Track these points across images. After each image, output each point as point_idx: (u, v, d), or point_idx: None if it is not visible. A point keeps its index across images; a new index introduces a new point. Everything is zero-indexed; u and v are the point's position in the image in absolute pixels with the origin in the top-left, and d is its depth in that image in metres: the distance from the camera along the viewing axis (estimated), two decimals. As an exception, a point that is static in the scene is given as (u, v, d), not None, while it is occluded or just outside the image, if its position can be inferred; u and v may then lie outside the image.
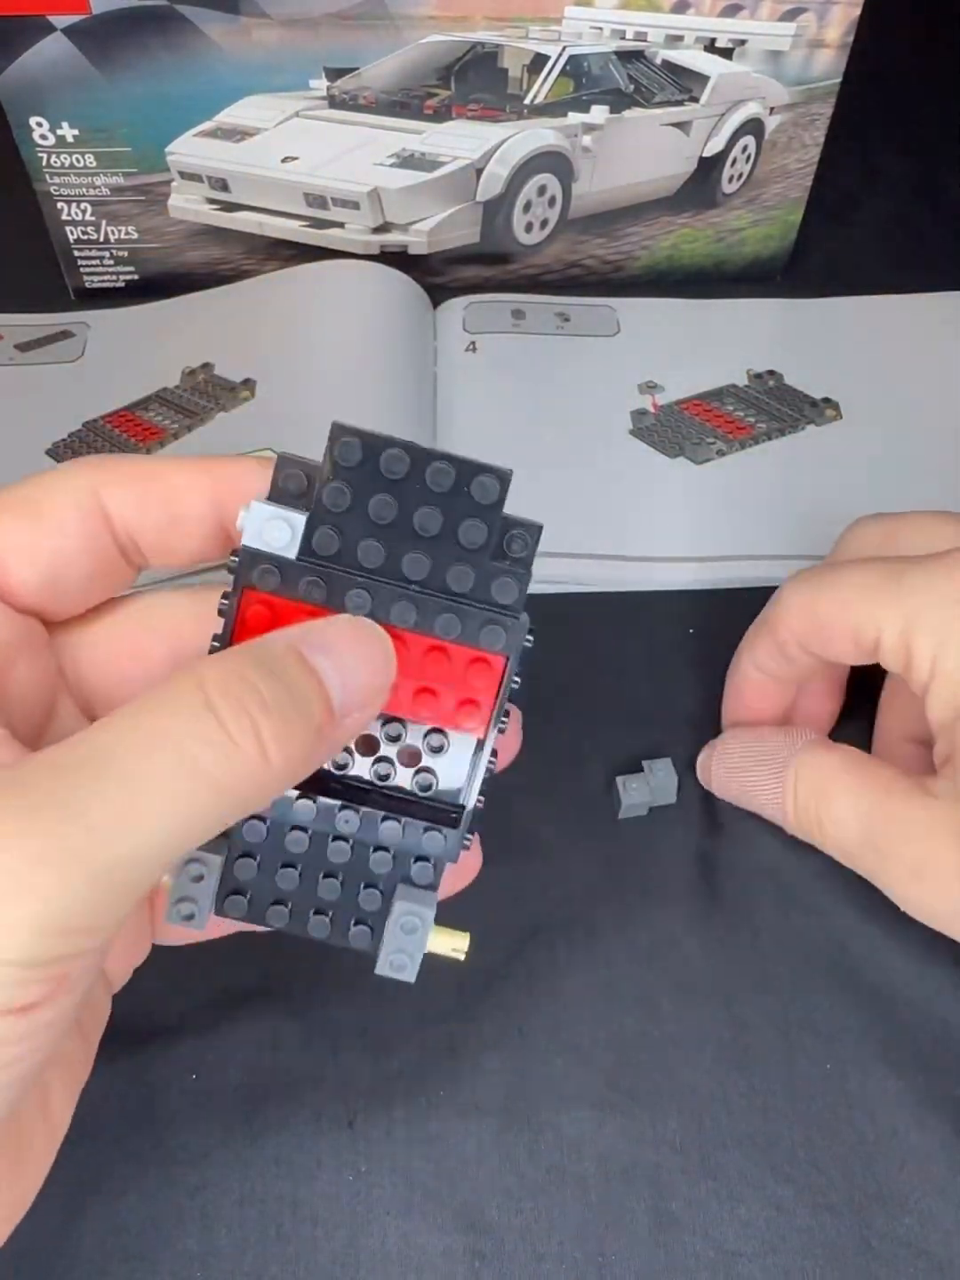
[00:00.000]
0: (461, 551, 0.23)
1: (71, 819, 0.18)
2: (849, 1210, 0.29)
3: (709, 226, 0.53)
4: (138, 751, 0.19)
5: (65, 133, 0.47)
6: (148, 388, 0.49)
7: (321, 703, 0.21)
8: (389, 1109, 0.31)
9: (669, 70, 0.47)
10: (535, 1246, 0.29)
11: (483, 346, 0.50)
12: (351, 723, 0.22)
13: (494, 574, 0.23)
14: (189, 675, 0.20)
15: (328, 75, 0.47)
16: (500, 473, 0.23)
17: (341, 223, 0.51)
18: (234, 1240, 0.29)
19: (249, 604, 0.23)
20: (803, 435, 0.48)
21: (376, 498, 0.23)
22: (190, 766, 0.19)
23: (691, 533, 0.44)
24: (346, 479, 0.23)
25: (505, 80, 0.47)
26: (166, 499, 0.25)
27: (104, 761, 0.19)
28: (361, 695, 0.22)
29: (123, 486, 0.25)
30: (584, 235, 0.52)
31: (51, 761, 0.19)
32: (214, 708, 0.20)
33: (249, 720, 0.20)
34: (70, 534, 0.24)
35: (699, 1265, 0.29)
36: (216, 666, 0.20)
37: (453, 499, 0.23)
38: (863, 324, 0.53)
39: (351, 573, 0.23)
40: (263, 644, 0.22)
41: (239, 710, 0.20)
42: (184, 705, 0.20)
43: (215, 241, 0.52)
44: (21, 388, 0.49)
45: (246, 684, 0.20)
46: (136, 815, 0.19)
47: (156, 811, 0.19)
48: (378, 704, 0.23)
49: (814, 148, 0.51)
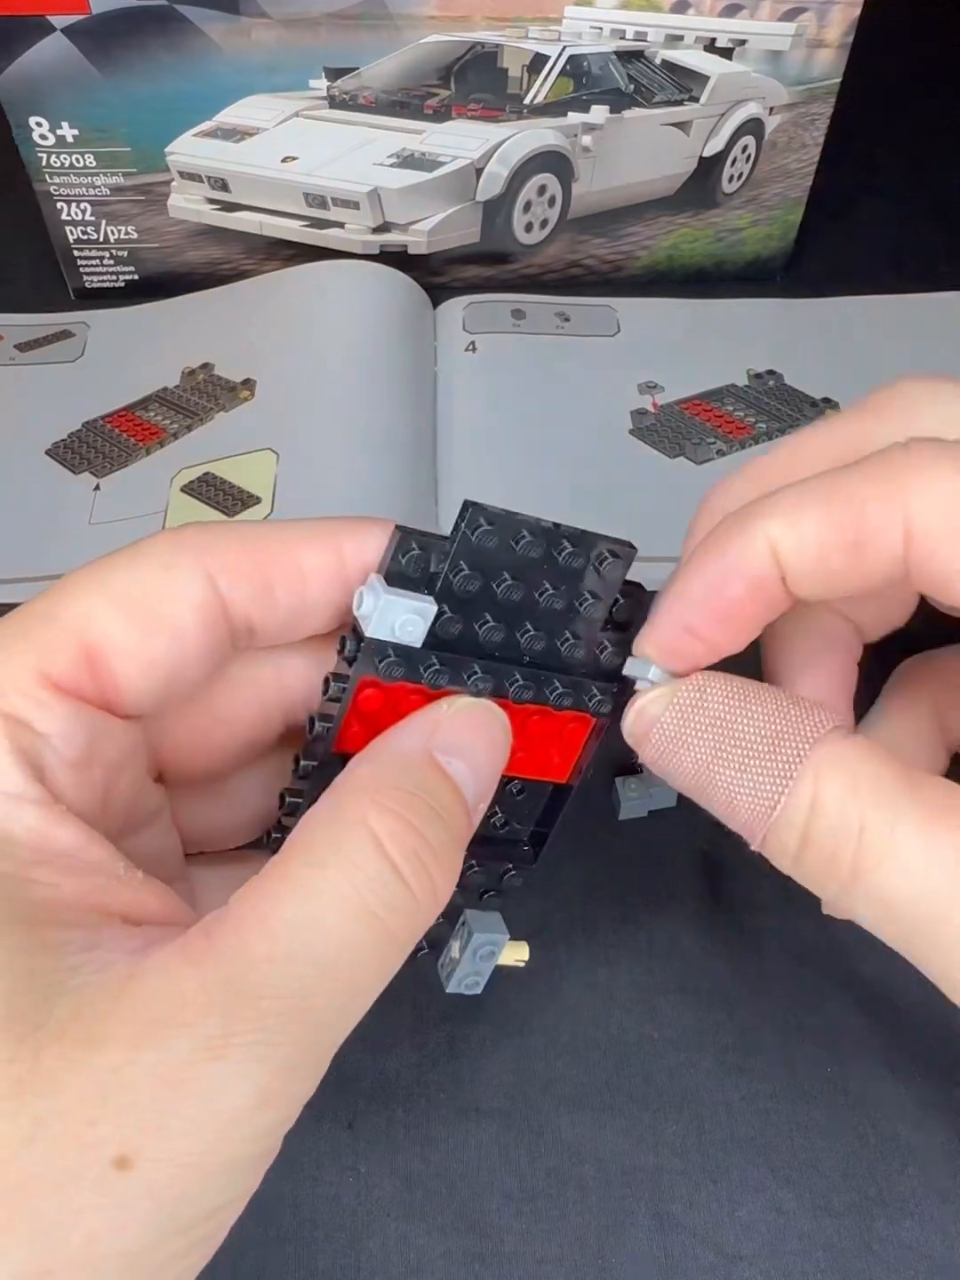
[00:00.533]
0: (579, 626, 0.23)
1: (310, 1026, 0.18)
2: (850, 1213, 0.29)
3: (709, 226, 0.53)
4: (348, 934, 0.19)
5: (65, 132, 0.47)
6: (148, 388, 0.49)
7: (465, 815, 0.21)
8: (389, 1110, 0.31)
9: (669, 70, 0.47)
10: (535, 1249, 0.29)
11: (483, 346, 0.50)
12: (479, 815, 0.22)
13: (603, 645, 0.24)
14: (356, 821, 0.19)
15: (328, 75, 0.47)
16: (626, 554, 0.23)
17: (341, 223, 0.51)
18: (234, 1241, 0.29)
19: (361, 688, 0.22)
20: None
21: (506, 584, 0.22)
22: (389, 939, 0.19)
23: (692, 533, 0.44)
24: (480, 566, 0.22)
25: (505, 80, 0.47)
26: (295, 586, 0.23)
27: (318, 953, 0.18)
28: (489, 784, 0.22)
29: (243, 575, 0.22)
30: (584, 235, 0.52)
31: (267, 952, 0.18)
32: (395, 865, 0.19)
33: (427, 875, 0.20)
34: (188, 638, 0.22)
35: (699, 1268, 0.29)
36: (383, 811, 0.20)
37: (579, 577, 0.23)
38: (863, 324, 0.52)
39: (471, 661, 0.23)
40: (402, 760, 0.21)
41: (417, 866, 0.19)
42: (369, 865, 0.19)
43: (215, 241, 0.52)
44: (21, 388, 0.49)
45: (413, 830, 0.20)
46: (359, 1002, 0.19)
47: (367, 990, 0.19)
48: (496, 786, 0.22)
49: (814, 148, 0.51)
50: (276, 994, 0.18)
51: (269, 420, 0.46)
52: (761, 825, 0.21)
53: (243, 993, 0.18)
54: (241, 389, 0.48)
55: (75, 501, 0.45)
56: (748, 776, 0.21)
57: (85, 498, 0.45)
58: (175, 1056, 0.17)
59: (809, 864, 0.21)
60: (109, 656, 0.21)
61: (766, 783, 0.21)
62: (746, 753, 0.21)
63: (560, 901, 0.35)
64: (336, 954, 0.18)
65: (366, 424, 0.45)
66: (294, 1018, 0.18)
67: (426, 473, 0.45)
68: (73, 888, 0.19)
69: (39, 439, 0.47)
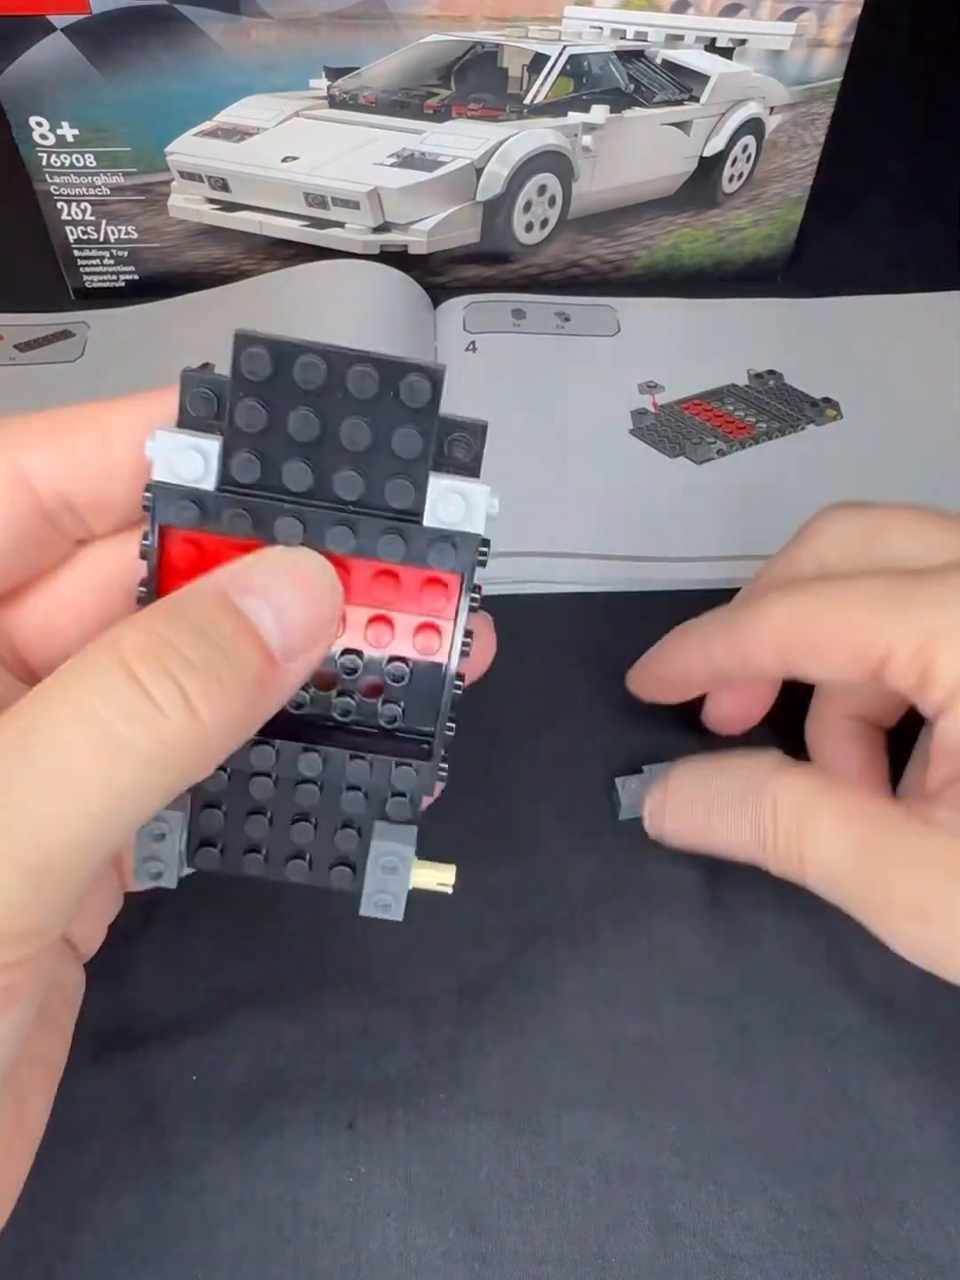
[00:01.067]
0: (398, 464, 0.21)
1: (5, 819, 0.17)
2: (850, 1213, 0.29)
3: (709, 226, 0.53)
4: (61, 734, 0.18)
5: (65, 132, 0.47)
6: (147, 387, 0.49)
7: (256, 651, 0.20)
8: (389, 1110, 0.31)
9: (669, 70, 0.47)
10: (535, 1249, 0.29)
11: (483, 346, 0.50)
12: (299, 665, 0.21)
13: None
14: (107, 643, 0.19)
15: (328, 75, 0.47)
16: (430, 370, 0.21)
17: (341, 222, 0.51)
18: (234, 1242, 0.29)
19: (173, 543, 0.21)
20: (803, 435, 0.48)
21: (296, 413, 0.21)
22: (116, 743, 0.18)
23: (691, 533, 0.44)
24: (259, 395, 0.21)
25: (505, 80, 0.47)
26: (95, 445, 0.22)
27: (25, 749, 0.18)
28: (304, 634, 0.20)
29: (44, 444, 0.22)
30: (584, 235, 0.52)
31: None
32: (136, 675, 0.18)
33: (173, 685, 0.18)
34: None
35: (699, 1268, 0.29)
36: (134, 629, 0.19)
37: (381, 406, 0.21)
38: (863, 324, 0.53)
39: (279, 499, 0.21)
40: (186, 596, 0.20)
41: (161, 675, 0.18)
42: (105, 676, 0.18)
43: (215, 241, 0.52)
44: (21, 388, 0.49)
45: (166, 645, 0.19)
46: (70, 804, 0.18)
47: (88, 797, 0.18)
48: (326, 640, 0.21)
49: (814, 148, 0.51)
50: None
51: None
52: (757, 853, 0.29)
53: None
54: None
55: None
56: (735, 825, 0.29)
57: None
58: None
59: (782, 864, 0.29)
60: None
61: (748, 825, 0.29)
62: (731, 811, 0.30)
63: (560, 901, 0.35)
64: (47, 754, 0.18)
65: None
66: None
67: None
68: None
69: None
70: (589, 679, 0.40)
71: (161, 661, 0.18)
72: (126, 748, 0.18)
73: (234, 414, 0.21)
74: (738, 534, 0.44)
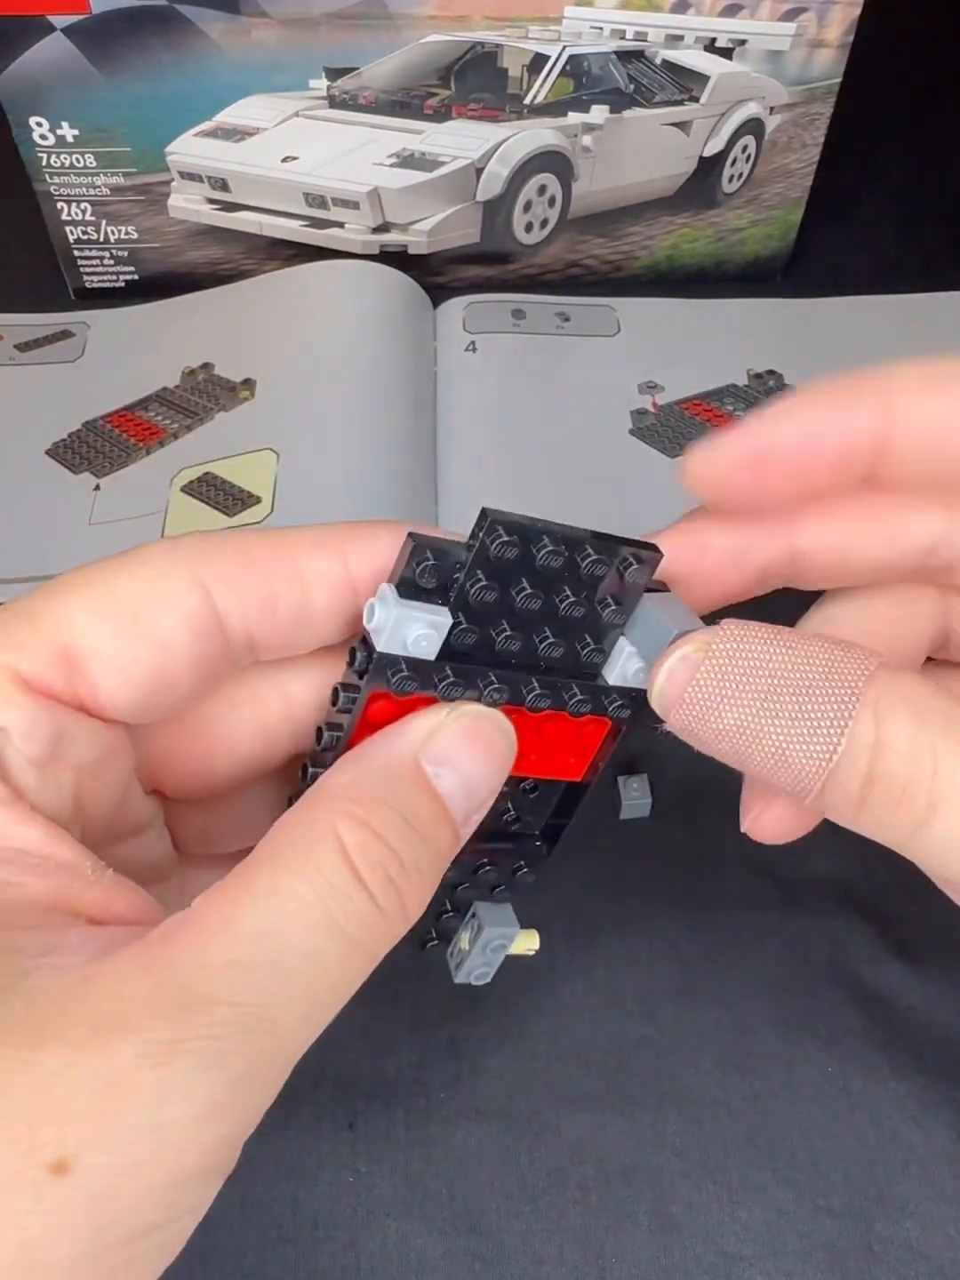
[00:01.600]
0: (600, 632, 0.23)
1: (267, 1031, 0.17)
2: (850, 1213, 0.29)
3: (709, 226, 0.53)
4: (309, 944, 0.18)
5: (65, 133, 0.47)
6: (148, 387, 0.49)
7: (448, 831, 0.20)
8: (389, 1111, 0.31)
9: (669, 70, 0.47)
10: (535, 1249, 0.29)
11: (483, 346, 0.50)
12: (469, 829, 0.21)
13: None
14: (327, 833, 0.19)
15: (328, 75, 0.47)
16: (650, 559, 0.22)
17: (341, 223, 0.51)
18: (235, 1241, 0.29)
19: (372, 700, 0.22)
20: None
21: (525, 594, 0.21)
22: (354, 948, 0.19)
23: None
24: (497, 577, 0.21)
25: (505, 80, 0.47)
26: (296, 595, 0.21)
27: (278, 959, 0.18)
28: (483, 799, 0.21)
29: (241, 584, 0.21)
30: (584, 235, 0.52)
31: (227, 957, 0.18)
32: (361, 878, 0.19)
33: (393, 887, 0.19)
34: (176, 648, 0.21)
35: (699, 1268, 0.29)
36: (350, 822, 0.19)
37: (600, 583, 0.22)
38: (863, 324, 0.52)
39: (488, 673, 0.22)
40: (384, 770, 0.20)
41: (383, 877, 0.19)
42: (335, 877, 0.19)
43: (215, 241, 0.52)
44: (21, 388, 0.49)
45: (382, 843, 0.19)
46: (319, 1013, 0.18)
47: (332, 1001, 0.19)
48: (492, 800, 0.21)
49: (814, 148, 0.51)
50: (232, 1001, 0.17)
51: (269, 420, 0.46)
52: (820, 774, 0.20)
53: (196, 998, 0.17)
54: (241, 389, 0.48)
55: (75, 501, 0.45)
56: (799, 724, 0.20)
57: (85, 498, 0.45)
58: (120, 1061, 0.16)
59: (876, 807, 0.20)
60: (87, 659, 0.20)
61: (822, 727, 0.19)
62: (796, 699, 0.20)
63: (560, 901, 0.35)
64: (297, 963, 0.18)
65: (366, 424, 0.45)
66: (250, 1026, 0.17)
67: (426, 473, 0.45)
68: (36, 887, 0.19)
69: (39, 439, 0.47)
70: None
71: (381, 861, 0.19)
72: (359, 953, 0.19)
73: (468, 591, 0.21)
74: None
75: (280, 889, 0.18)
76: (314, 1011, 0.18)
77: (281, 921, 0.18)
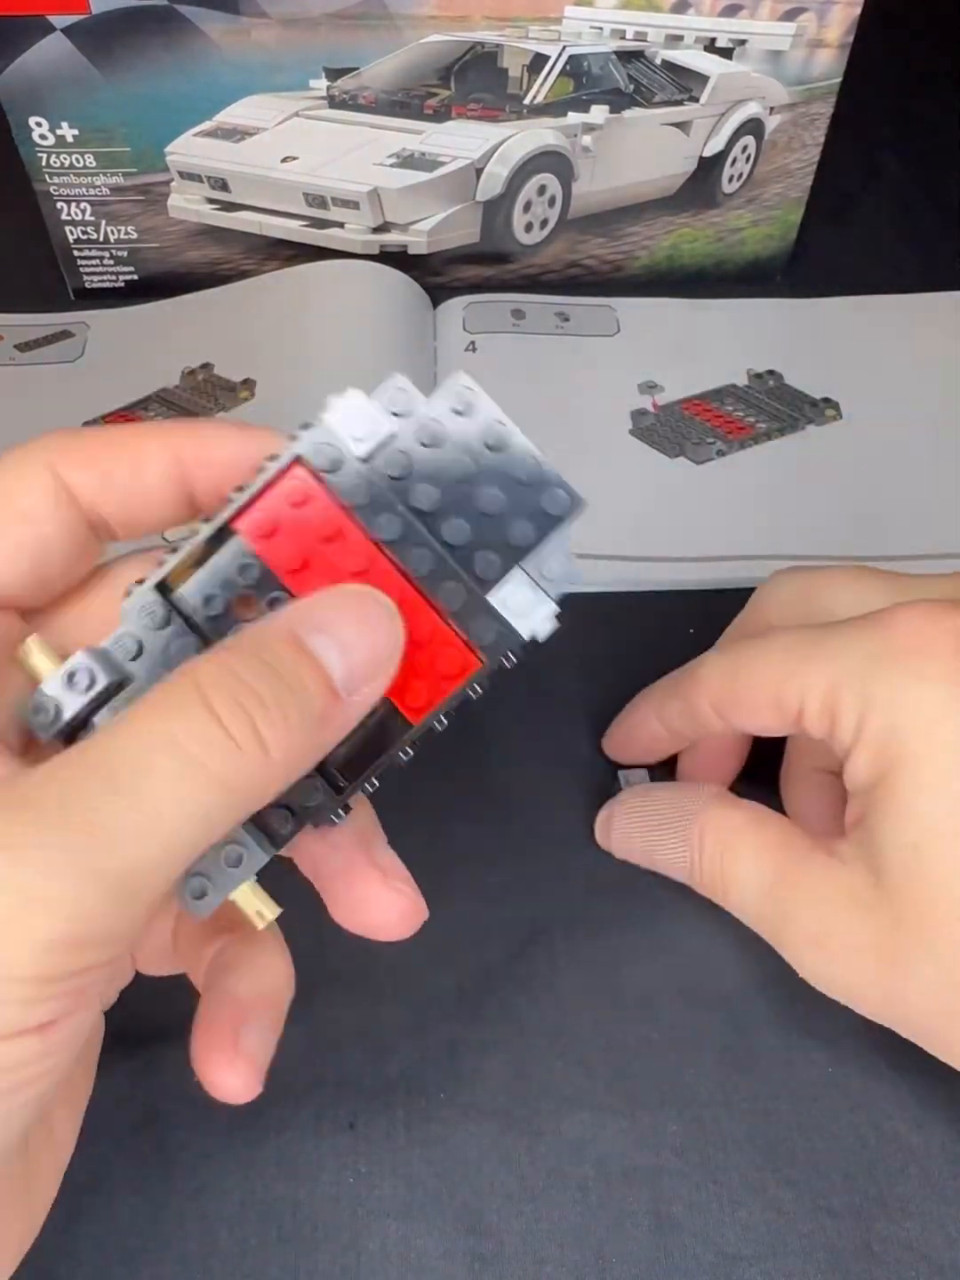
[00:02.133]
0: (502, 545, 0.23)
1: (84, 829, 0.18)
2: (850, 1214, 0.29)
3: (709, 226, 0.53)
4: (143, 758, 0.19)
5: (65, 133, 0.47)
6: (148, 387, 0.49)
7: (321, 689, 0.21)
8: (389, 1111, 0.31)
9: (669, 70, 0.47)
10: (535, 1249, 0.29)
11: (482, 346, 0.50)
12: (360, 699, 0.21)
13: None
14: (185, 675, 0.20)
15: (328, 75, 0.47)
16: (577, 499, 0.23)
17: (341, 223, 0.51)
18: (235, 1241, 0.29)
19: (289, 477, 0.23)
20: (803, 435, 0.48)
21: (460, 457, 0.22)
22: (196, 768, 0.19)
23: (691, 533, 0.44)
24: (444, 424, 0.23)
25: (505, 80, 0.47)
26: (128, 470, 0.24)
27: (111, 770, 0.19)
28: (366, 670, 0.21)
29: (84, 464, 0.24)
30: (584, 235, 0.52)
31: (58, 774, 0.19)
32: (212, 707, 0.19)
33: (247, 718, 0.19)
34: (43, 519, 0.23)
35: (699, 1268, 0.29)
36: (211, 665, 0.20)
37: (522, 492, 0.23)
38: (863, 324, 0.53)
39: (397, 503, 0.22)
40: (259, 633, 0.21)
41: (236, 708, 0.19)
42: (183, 707, 0.19)
43: (215, 242, 0.52)
44: (21, 388, 0.49)
45: (241, 682, 0.20)
46: (149, 821, 0.18)
47: (168, 815, 0.19)
48: (387, 676, 0.22)
49: (814, 148, 0.51)
50: (59, 805, 0.18)
51: (269, 420, 0.46)
52: (687, 873, 0.32)
53: (25, 802, 0.18)
54: (241, 389, 0.48)
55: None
56: (668, 845, 0.32)
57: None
58: None
59: (707, 888, 0.31)
60: None
61: (679, 846, 0.32)
62: (665, 832, 0.32)
63: (560, 901, 0.35)
64: (127, 775, 0.18)
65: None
66: (73, 827, 0.18)
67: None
68: None
69: (39, 439, 0.47)
70: (589, 679, 0.40)
71: (235, 695, 0.20)
72: (202, 772, 0.19)
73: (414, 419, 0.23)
74: (738, 535, 0.44)
75: (128, 718, 0.20)
76: (149, 825, 0.18)
77: (122, 742, 0.19)
